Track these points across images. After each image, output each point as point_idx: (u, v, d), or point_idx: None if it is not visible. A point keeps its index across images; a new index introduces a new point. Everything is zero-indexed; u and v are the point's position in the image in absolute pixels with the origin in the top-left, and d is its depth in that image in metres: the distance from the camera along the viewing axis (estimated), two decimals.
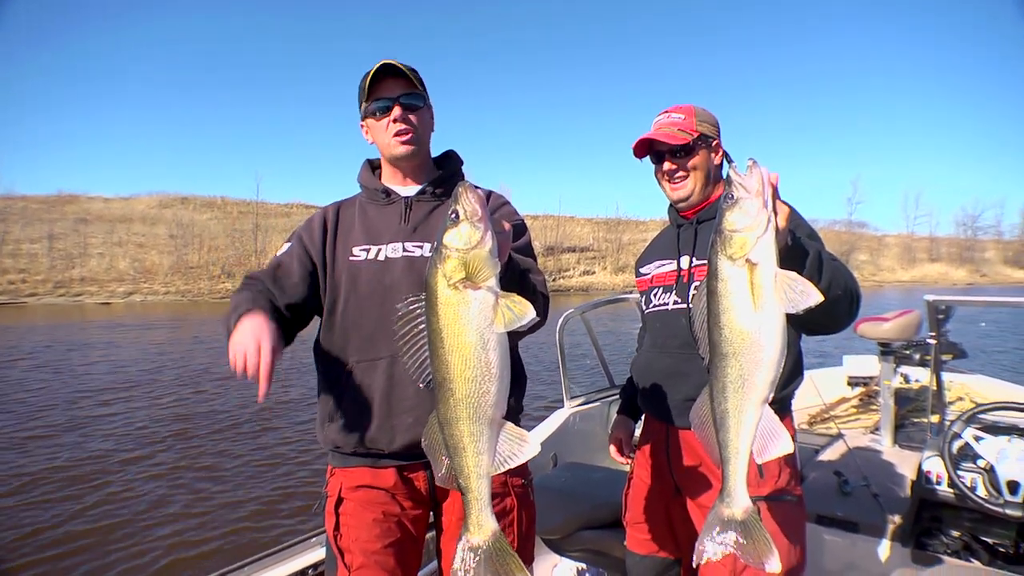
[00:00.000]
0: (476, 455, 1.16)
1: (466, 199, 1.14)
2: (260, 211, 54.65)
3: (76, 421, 9.00)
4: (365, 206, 1.81)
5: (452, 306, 1.12)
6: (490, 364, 1.13)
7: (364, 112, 1.75)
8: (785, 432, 1.22)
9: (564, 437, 3.56)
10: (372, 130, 1.76)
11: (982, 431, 2.60)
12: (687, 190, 1.90)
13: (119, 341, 19.07)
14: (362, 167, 1.89)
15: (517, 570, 1.20)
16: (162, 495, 6.27)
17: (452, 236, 1.13)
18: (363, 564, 1.62)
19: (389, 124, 1.70)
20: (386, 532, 1.65)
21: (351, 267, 1.71)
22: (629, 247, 62.22)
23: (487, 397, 1.14)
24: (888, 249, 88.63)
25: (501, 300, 1.13)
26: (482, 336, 1.12)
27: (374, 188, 1.81)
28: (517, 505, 1.72)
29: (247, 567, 2.16)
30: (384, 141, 1.73)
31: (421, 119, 1.75)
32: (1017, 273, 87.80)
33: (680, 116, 1.90)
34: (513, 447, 1.18)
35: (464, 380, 1.12)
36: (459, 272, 1.11)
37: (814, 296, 1.12)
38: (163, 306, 37.47)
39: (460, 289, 1.11)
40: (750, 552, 1.23)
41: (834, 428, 3.90)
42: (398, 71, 1.68)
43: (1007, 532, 2.57)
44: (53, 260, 42.69)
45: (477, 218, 1.13)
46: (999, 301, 3.68)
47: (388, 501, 1.68)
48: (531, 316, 1.12)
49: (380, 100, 1.70)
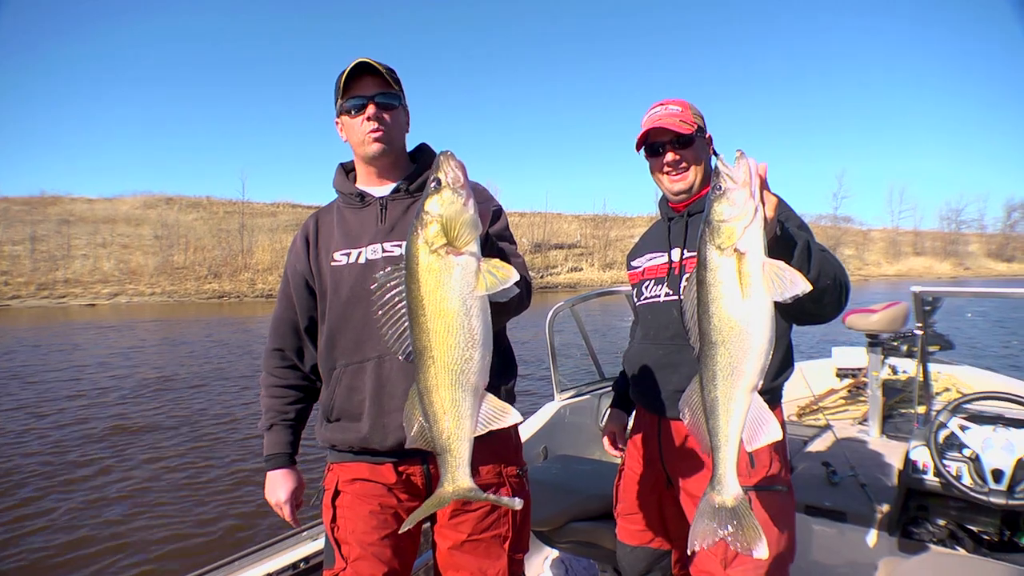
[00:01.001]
0: (457, 419, 1.16)
1: (447, 166, 1.13)
2: (246, 211, 54.33)
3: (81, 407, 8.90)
4: (343, 211, 1.81)
5: (434, 272, 1.11)
6: (473, 330, 1.12)
7: (339, 109, 1.74)
8: (774, 419, 1.23)
9: (554, 430, 3.56)
10: (346, 128, 1.75)
11: (967, 421, 2.62)
12: (688, 182, 1.90)
13: (120, 341, 18.87)
14: (336, 172, 1.89)
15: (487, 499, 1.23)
16: (152, 486, 6.23)
17: (434, 202, 1.12)
18: (360, 555, 1.63)
19: (363, 122, 1.69)
20: (382, 524, 1.67)
21: (333, 272, 1.73)
22: (616, 243, 62.41)
23: (470, 364, 1.13)
24: (873, 243, 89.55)
25: (483, 265, 1.12)
26: (465, 302, 1.11)
27: (349, 192, 1.80)
28: (513, 495, 1.72)
29: (242, 559, 2.17)
30: (357, 139, 1.73)
31: (395, 118, 1.74)
32: (999, 266, 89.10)
33: (678, 108, 1.89)
34: (495, 416, 1.18)
35: (447, 347, 1.12)
36: (440, 238, 1.11)
37: (801, 285, 1.13)
38: (149, 307, 37.11)
39: (442, 255, 1.11)
40: (739, 538, 1.25)
41: (822, 419, 3.93)
42: (374, 69, 1.68)
43: (992, 520, 2.60)
44: (36, 262, 42.16)
45: (459, 184, 1.13)
46: (984, 292, 3.72)
47: (384, 493, 1.70)
48: (514, 279, 1.11)
49: (355, 98, 1.69)
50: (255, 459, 7.25)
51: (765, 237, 1.18)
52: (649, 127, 1.87)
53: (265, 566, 2.15)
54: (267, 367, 1.88)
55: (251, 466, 6.87)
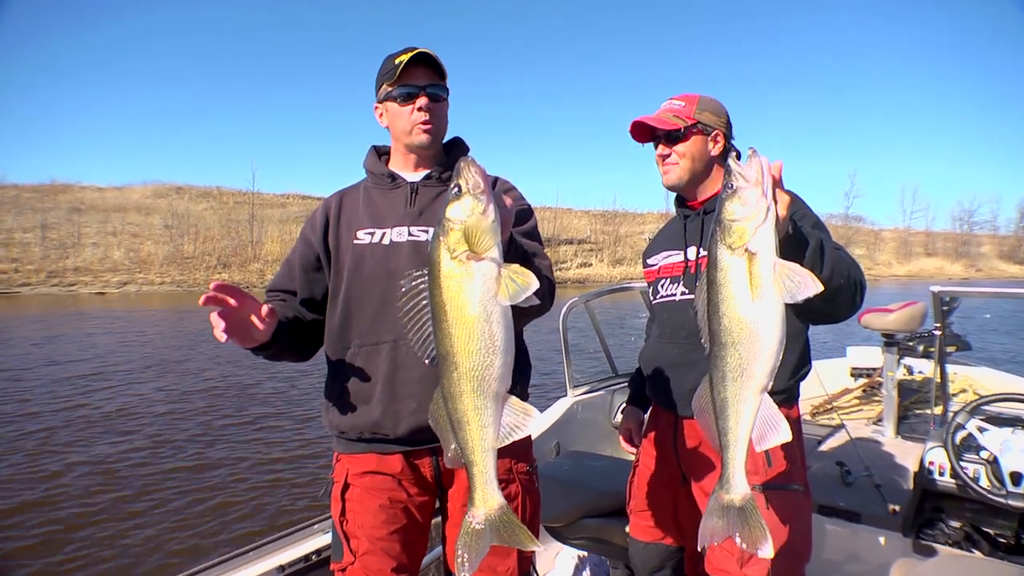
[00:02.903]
0: (481, 428, 1.16)
1: (468, 172, 1.14)
2: (256, 201, 54.38)
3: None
4: (370, 191, 1.80)
5: (455, 278, 1.11)
6: (494, 336, 1.12)
7: (385, 95, 1.73)
8: (784, 421, 1.23)
9: (567, 425, 3.55)
10: (392, 114, 1.74)
11: (986, 422, 2.60)
12: (675, 176, 1.91)
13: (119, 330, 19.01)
14: (368, 153, 1.88)
15: (527, 540, 1.21)
16: (163, 482, 6.27)
17: (454, 209, 1.13)
18: (369, 550, 1.62)
19: (413, 111, 1.69)
20: (392, 518, 1.65)
21: (355, 250, 1.70)
22: (626, 239, 62.25)
23: (491, 370, 1.13)
24: (885, 243, 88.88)
25: (504, 271, 1.12)
26: (485, 308, 1.11)
27: (380, 173, 1.80)
28: (522, 492, 1.72)
29: (250, 552, 2.15)
30: (404, 127, 1.72)
31: (443, 110, 1.75)
32: (1012, 268, 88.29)
33: (681, 104, 1.91)
34: (517, 420, 1.18)
35: (468, 353, 1.12)
36: (461, 244, 1.11)
37: (812, 287, 1.13)
38: (158, 296, 37.34)
39: (463, 261, 1.11)
40: (746, 537, 1.26)
41: (837, 419, 3.90)
42: (429, 60, 1.68)
43: (1008, 523, 2.58)
44: (46, 250, 42.39)
45: (479, 190, 1.13)
46: (1005, 292, 3.66)
47: (394, 487, 1.68)
48: (534, 286, 1.11)
49: (407, 87, 1.69)
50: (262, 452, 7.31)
51: (777, 237, 1.17)
52: (634, 121, 1.92)
53: (276, 558, 2.13)
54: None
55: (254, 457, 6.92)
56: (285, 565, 2.13)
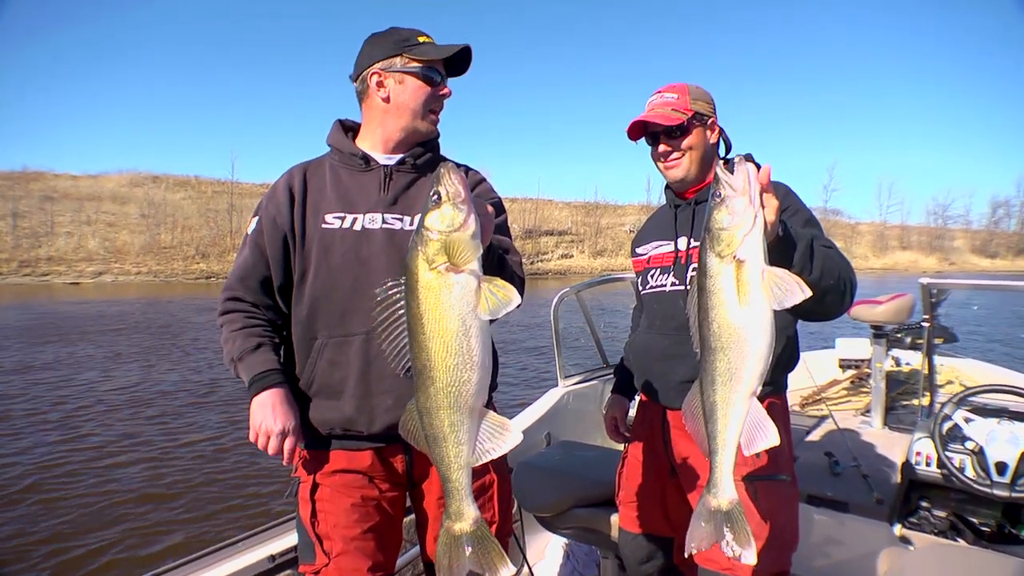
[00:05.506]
0: (456, 445, 1.14)
1: (448, 180, 1.10)
2: (235, 191, 53.80)
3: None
4: (338, 170, 1.67)
5: (433, 291, 1.08)
6: (472, 351, 1.10)
7: (403, 67, 1.61)
8: (772, 425, 1.24)
9: (558, 416, 3.53)
10: (409, 88, 1.62)
11: (972, 413, 2.63)
12: (683, 170, 1.88)
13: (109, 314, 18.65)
14: (333, 127, 1.74)
15: (498, 559, 1.19)
16: (106, 484, 6.00)
17: (434, 218, 1.09)
18: (343, 551, 1.55)
19: (431, 97, 1.65)
20: (364, 516, 1.59)
21: (323, 235, 1.59)
22: (607, 231, 62.57)
23: (468, 386, 1.10)
24: (861, 237, 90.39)
25: (484, 284, 1.09)
26: (464, 322, 1.08)
27: (350, 152, 1.67)
28: (497, 479, 1.69)
29: (207, 557, 1.97)
30: (415, 107, 1.63)
31: None
32: (983, 262, 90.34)
33: (673, 96, 1.86)
34: (495, 437, 1.16)
35: (445, 368, 1.09)
36: (441, 256, 1.08)
37: (800, 294, 1.14)
38: (135, 287, 36.73)
39: (442, 273, 1.08)
40: (731, 543, 1.27)
41: (825, 410, 3.94)
42: (468, 59, 1.69)
43: (992, 512, 2.62)
44: (18, 239, 41.52)
45: (460, 200, 1.09)
46: (994, 284, 3.72)
47: (365, 484, 1.61)
48: (515, 302, 1.09)
49: (435, 71, 1.64)
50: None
51: (765, 243, 1.18)
52: (635, 121, 1.87)
53: (236, 561, 1.96)
54: (229, 308, 1.63)
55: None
56: (244, 570, 1.94)
